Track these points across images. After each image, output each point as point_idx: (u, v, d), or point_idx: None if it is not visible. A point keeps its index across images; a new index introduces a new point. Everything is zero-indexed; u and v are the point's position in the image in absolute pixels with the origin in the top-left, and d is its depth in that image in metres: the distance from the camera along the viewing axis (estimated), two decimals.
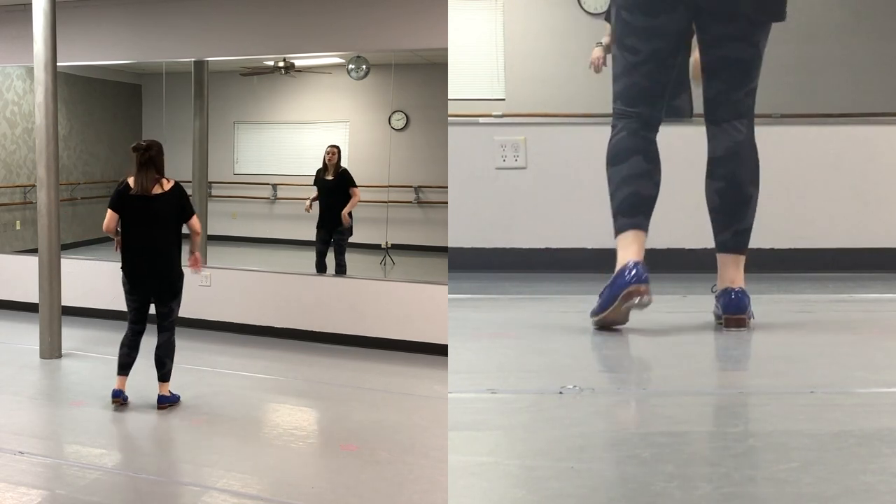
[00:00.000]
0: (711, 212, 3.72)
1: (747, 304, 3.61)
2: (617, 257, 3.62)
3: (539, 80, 8.57)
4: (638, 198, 3.62)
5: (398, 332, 6.47)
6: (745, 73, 3.64)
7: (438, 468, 3.97)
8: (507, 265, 5.73)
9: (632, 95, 3.68)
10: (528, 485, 1.93)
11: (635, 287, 3.49)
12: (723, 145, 3.68)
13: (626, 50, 3.66)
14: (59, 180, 6.19)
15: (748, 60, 3.62)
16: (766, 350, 3.37)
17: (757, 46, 3.63)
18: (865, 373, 2.98)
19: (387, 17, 6.52)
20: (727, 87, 3.65)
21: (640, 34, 3.62)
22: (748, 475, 1.93)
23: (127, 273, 4.87)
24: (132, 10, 7.32)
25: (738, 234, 3.66)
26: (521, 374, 2.99)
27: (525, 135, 5.87)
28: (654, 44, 3.61)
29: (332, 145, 7.49)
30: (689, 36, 3.73)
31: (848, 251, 5.82)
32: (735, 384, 2.83)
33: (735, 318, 3.61)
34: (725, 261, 3.68)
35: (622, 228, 3.61)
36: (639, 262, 3.54)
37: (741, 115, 3.67)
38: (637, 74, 3.66)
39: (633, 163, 3.65)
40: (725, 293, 3.65)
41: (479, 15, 8.76)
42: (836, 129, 6.03)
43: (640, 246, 3.58)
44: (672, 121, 4.04)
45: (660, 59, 3.63)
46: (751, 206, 3.68)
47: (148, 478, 3.88)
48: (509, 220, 5.83)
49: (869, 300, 4.70)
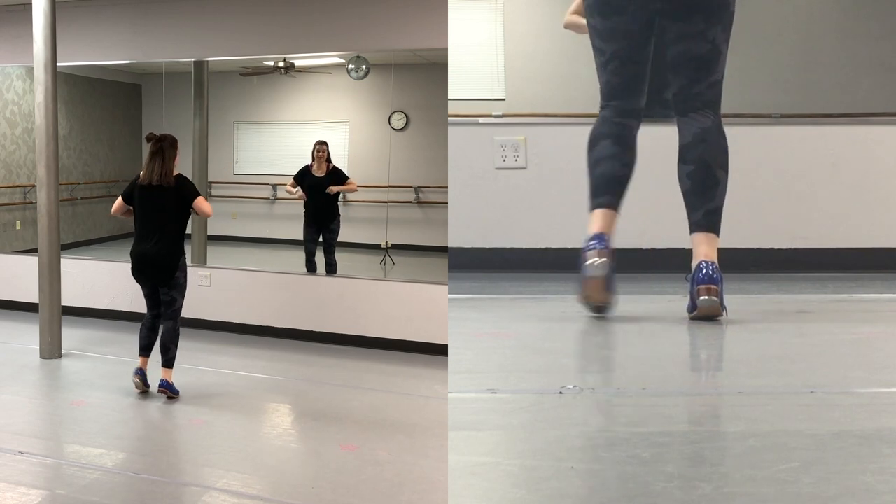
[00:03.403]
0: (684, 195, 3.88)
1: (719, 279, 3.70)
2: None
3: (539, 80, 8.58)
4: (604, 178, 3.86)
5: (398, 332, 6.47)
6: (705, 68, 3.84)
7: (438, 468, 3.97)
8: (507, 265, 5.73)
9: (607, 92, 3.97)
10: (528, 485, 1.93)
11: (599, 249, 3.72)
12: (690, 132, 3.88)
13: (595, 51, 3.97)
14: (59, 180, 6.19)
15: (705, 56, 3.82)
16: (766, 350, 3.37)
17: (713, 42, 3.81)
18: (865, 373, 2.98)
19: (387, 17, 6.52)
20: (689, 82, 3.87)
21: (602, 36, 3.92)
22: (748, 475, 1.93)
23: (132, 259, 5.12)
24: (132, 10, 7.32)
25: (709, 213, 3.81)
26: (521, 374, 2.99)
27: (525, 135, 5.87)
28: (614, 44, 3.89)
29: (321, 141, 7.47)
30: (651, 23, 3.89)
31: (848, 251, 5.83)
32: (735, 384, 2.83)
33: (706, 287, 3.69)
34: (699, 240, 3.82)
35: (591, 208, 3.85)
36: (602, 234, 3.75)
37: (705, 106, 3.87)
38: (607, 73, 3.95)
39: (602, 146, 3.90)
40: (698, 268, 3.75)
41: (479, 15, 8.76)
42: (836, 129, 6.04)
43: (607, 221, 3.79)
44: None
45: (623, 58, 3.90)
46: (720, 188, 3.83)
47: (148, 478, 3.88)
48: (509, 220, 5.83)
49: (869, 300, 4.70)
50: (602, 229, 3.78)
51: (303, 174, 7.43)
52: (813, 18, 7.98)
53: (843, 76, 8.09)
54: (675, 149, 3.95)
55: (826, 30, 8.15)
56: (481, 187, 5.83)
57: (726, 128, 3.92)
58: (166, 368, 5.03)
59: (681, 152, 3.90)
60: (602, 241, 3.74)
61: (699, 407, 2.63)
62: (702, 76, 3.85)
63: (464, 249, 5.71)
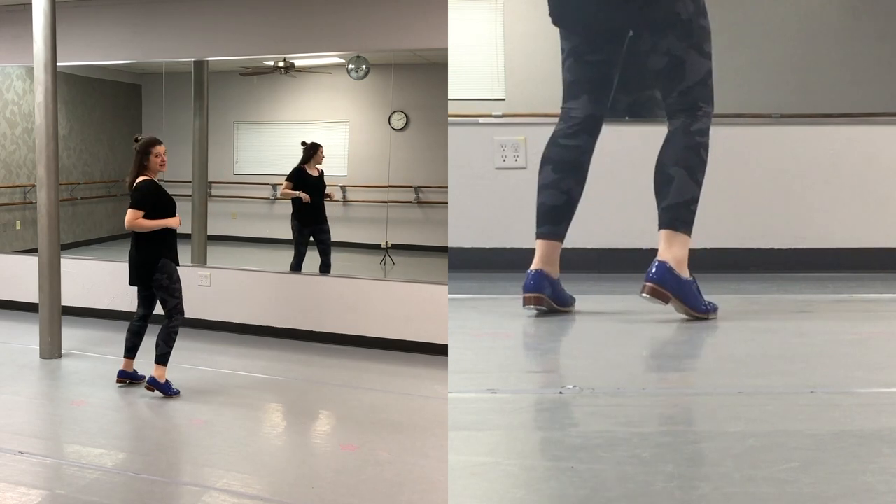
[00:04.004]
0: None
1: (662, 278, 3.79)
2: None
3: (539, 80, 8.56)
4: (544, 208, 4.03)
5: (398, 331, 6.47)
6: (670, 79, 3.94)
7: (438, 468, 3.97)
8: (507, 265, 5.73)
9: (563, 91, 4.09)
10: (528, 485, 1.93)
11: (528, 295, 3.93)
12: (665, 138, 4.00)
13: (561, 49, 4.09)
14: (59, 180, 6.19)
15: (664, 68, 3.93)
16: (767, 350, 3.37)
17: (669, 53, 3.90)
18: (865, 373, 2.98)
19: (387, 17, 6.52)
20: (663, 93, 4.00)
21: (562, 34, 4.07)
22: (748, 475, 1.93)
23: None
24: (132, 10, 7.32)
25: (664, 210, 3.90)
26: (521, 374, 2.99)
27: (525, 135, 5.87)
28: (571, 41, 4.02)
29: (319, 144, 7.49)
30: (624, 38, 4.02)
31: (848, 251, 5.82)
32: (735, 384, 2.83)
33: (645, 285, 3.80)
34: (660, 238, 3.91)
35: (536, 237, 4.03)
36: (538, 271, 3.94)
37: (678, 111, 3.95)
38: (564, 70, 4.09)
39: (543, 173, 4.07)
40: (651, 264, 3.87)
41: (479, 15, 8.75)
42: (836, 129, 6.03)
43: (544, 253, 3.98)
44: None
45: (577, 55, 4.01)
46: (673, 185, 3.90)
47: (148, 478, 3.88)
48: (509, 220, 5.83)
49: (869, 300, 4.70)
50: (538, 264, 3.95)
51: (299, 175, 7.36)
52: (813, 18, 7.98)
53: (843, 76, 8.08)
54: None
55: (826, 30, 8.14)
56: (481, 187, 5.83)
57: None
58: (157, 365, 5.07)
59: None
60: (537, 284, 3.90)
61: (699, 407, 2.63)
62: (671, 86, 3.93)
63: (464, 249, 5.71)
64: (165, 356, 5.06)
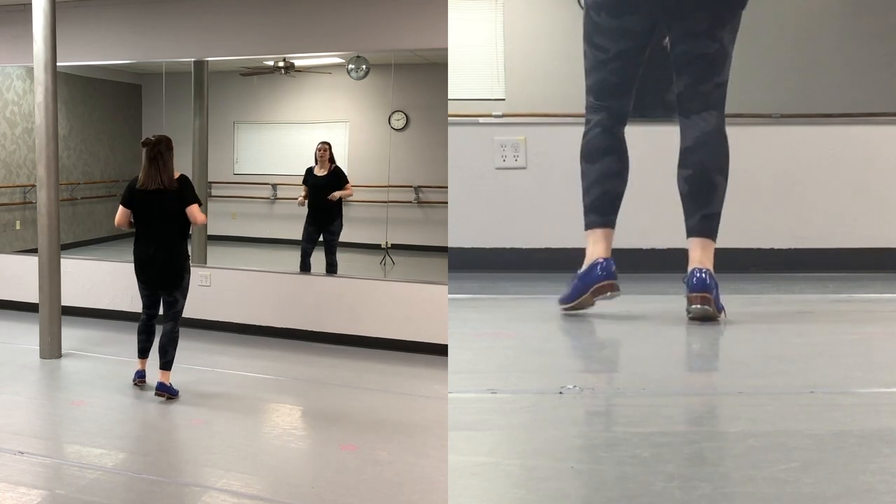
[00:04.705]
0: (682, 199, 3.90)
1: (712, 286, 3.75)
2: (587, 251, 3.91)
3: (539, 80, 8.57)
4: (609, 196, 3.92)
5: (398, 331, 6.47)
6: (710, 68, 3.82)
7: (438, 468, 3.97)
8: (507, 265, 5.73)
9: (601, 90, 3.94)
10: (528, 485, 1.93)
11: (607, 283, 3.83)
12: (692, 135, 3.87)
13: (595, 48, 3.92)
14: (59, 180, 6.19)
15: (712, 55, 3.81)
16: (767, 350, 3.37)
17: (720, 41, 3.80)
18: (865, 373, 2.98)
19: (387, 17, 6.52)
20: (693, 81, 3.85)
21: (608, 34, 3.87)
22: (748, 475, 1.93)
23: (136, 263, 5.10)
24: (132, 10, 7.32)
25: (705, 218, 3.84)
26: (521, 374, 2.99)
27: (525, 135, 5.87)
28: (621, 44, 3.85)
29: (324, 142, 7.49)
30: (660, 33, 3.91)
31: (848, 251, 5.82)
32: (735, 384, 2.83)
33: (699, 296, 3.75)
34: (694, 245, 3.85)
35: (592, 225, 3.92)
36: (609, 259, 3.86)
37: (709, 107, 3.85)
38: (605, 71, 3.92)
39: (606, 163, 3.92)
40: (691, 274, 3.79)
41: (479, 15, 8.75)
42: (836, 129, 6.03)
43: (609, 243, 3.91)
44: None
45: (627, 58, 3.88)
46: (717, 193, 3.85)
47: (148, 478, 3.88)
48: (509, 220, 5.83)
49: (869, 300, 4.70)
50: (607, 252, 3.89)
51: (306, 174, 7.47)
52: (813, 18, 7.98)
53: (843, 76, 8.08)
54: (676, 150, 3.95)
55: (826, 30, 8.14)
56: (481, 187, 5.83)
57: (726, 128, 3.92)
58: (164, 371, 5.02)
59: (681, 156, 3.90)
60: (612, 271, 3.84)
61: (699, 407, 2.63)
62: (708, 76, 3.83)
63: (464, 249, 5.71)
64: (172, 361, 5.05)
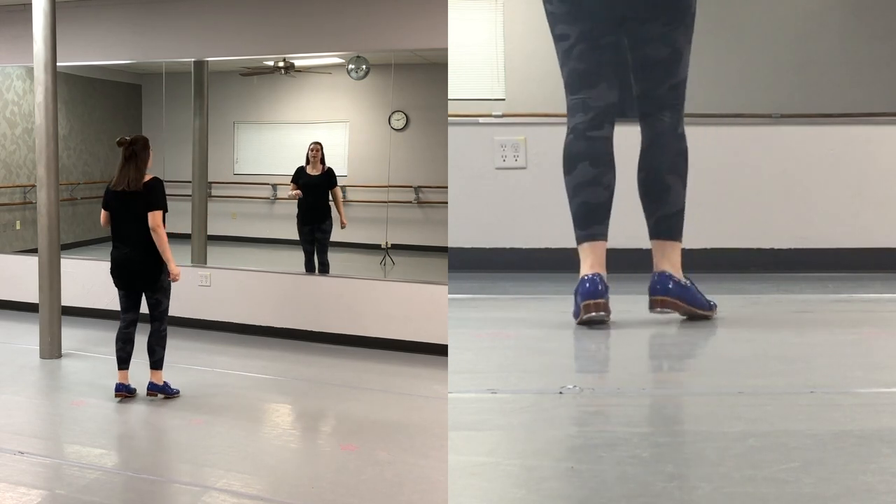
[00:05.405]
0: (641, 201, 3.86)
1: (668, 288, 3.74)
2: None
3: (539, 80, 8.56)
4: (587, 208, 3.75)
5: (398, 331, 6.47)
6: (665, 71, 3.81)
7: (438, 468, 3.97)
8: (507, 265, 5.73)
9: (573, 82, 3.82)
10: (528, 485, 1.93)
11: (591, 302, 3.65)
12: (648, 137, 3.85)
13: (559, 39, 3.84)
14: (59, 180, 6.19)
15: (665, 59, 3.79)
16: (767, 350, 3.37)
17: (673, 45, 3.78)
18: (865, 373, 2.98)
19: (387, 17, 6.52)
20: (648, 85, 3.83)
21: (565, 19, 3.80)
22: (748, 475, 1.93)
23: (111, 265, 5.11)
24: (132, 10, 7.32)
25: (661, 220, 3.81)
26: (521, 374, 2.99)
27: (525, 135, 5.87)
28: (579, 25, 3.76)
29: (316, 142, 7.48)
30: (623, 19, 3.81)
31: (848, 251, 5.82)
32: (735, 384, 2.83)
33: (655, 300, 3.76)
34: (654, 247, 3.83)
35: (579, 240, 3.77)
36: (596, 274, 3.69)
37: (664, 108, 3.83)
38: (572, 59, 3.81)
39: (580, 170, 3.77)
40: (652, 278, 3.79)
41: (479, 15, 8.75)
42: (836, 129, 6.03)
43: (598, 256, 3.73)
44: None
45: (589, 39, 3.76)
46: (671, 193, 3.81)
47: (148, 478, 3.88)
48: (509, 220, 5.83)
49: (869, 300, 4.70)
50: (593, 268, 3.69)
51: (298, 174, 7.44)
52: (813, 18, 7.98)
53: (843, 76, 8.09)
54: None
55: (826, 30, 8.14)
56: (481, 187, 5.82)
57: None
58: (155, 370, 5.00)
59: (639, 158, 3.88)
60: (597, 288, 3.64)
61: (699, 407, 2.63)
62: (663, 79, 3.81)
63: (464, 249, 5.71)
64: (162, 360, 5.03)
